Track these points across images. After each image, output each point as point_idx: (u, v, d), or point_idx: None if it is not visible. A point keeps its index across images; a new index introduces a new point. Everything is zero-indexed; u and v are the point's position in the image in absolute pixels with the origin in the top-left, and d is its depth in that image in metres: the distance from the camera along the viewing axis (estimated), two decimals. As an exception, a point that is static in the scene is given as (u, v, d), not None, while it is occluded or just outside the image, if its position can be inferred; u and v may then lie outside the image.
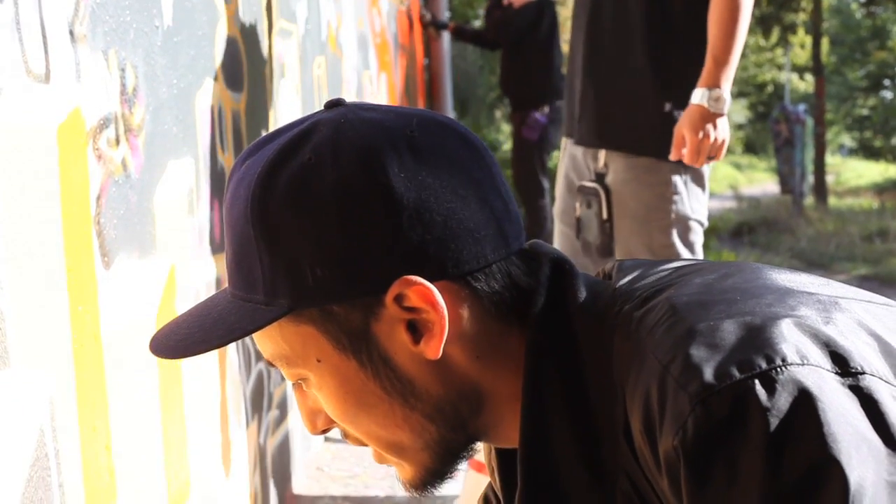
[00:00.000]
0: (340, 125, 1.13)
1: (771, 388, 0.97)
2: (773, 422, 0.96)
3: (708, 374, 0.99)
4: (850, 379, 0.99)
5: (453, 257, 1.12)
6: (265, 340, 1.18)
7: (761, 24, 27.27)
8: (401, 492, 3.68)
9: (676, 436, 0.99)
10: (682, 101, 3.27)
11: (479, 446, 1.26)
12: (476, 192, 1.14)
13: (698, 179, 3.33)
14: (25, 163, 1.56)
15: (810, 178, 20.68)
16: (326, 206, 1.09)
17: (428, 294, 1.11)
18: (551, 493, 1.17)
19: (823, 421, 0.96)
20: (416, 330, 1.14)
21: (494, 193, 1.16)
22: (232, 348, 2.71)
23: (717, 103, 3.14)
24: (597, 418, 1.13)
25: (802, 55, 33.94)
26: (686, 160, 3.17)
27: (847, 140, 40.87)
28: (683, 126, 3.16)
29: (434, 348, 1.13)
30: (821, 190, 19.87)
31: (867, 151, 37.95)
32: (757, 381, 0.98)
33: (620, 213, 3.33)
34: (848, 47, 35.09)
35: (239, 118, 2.90)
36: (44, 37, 1.62)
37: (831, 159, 34.06)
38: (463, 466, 1.26)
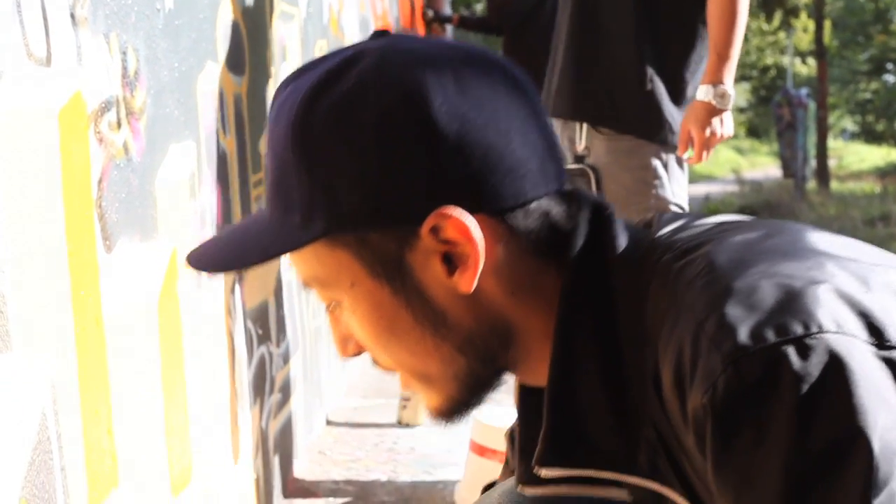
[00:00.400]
0: (386, 54, 1.13)
1: (805, 354, 0.97)
2: (804, 388, 0.96)
3: (742, 334, 0.99)
4: (886, 351, 0.99)
5: (492, 192, 1.12)
6: (301, 263, 1.19)
7: (764, 7, 27.25)
8: (402, 475, 3.69)
9: (706, 394, 0.99)
10: (666, 81, 3.28)
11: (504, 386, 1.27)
12: (519, 128, 1.13)
13: (679, 161, 3.33)
14: (27, 146, 1.55)
15: (812, 162, 20.67)
16: (366, 134, 1.09)
17: (464, 227, 1.11)
18: (576, 435, 1.16)
19: (854, 392, 0.95)
20: (451, 262, 1.14)
21: (537, 131, 1.16)
22: (235, 331, 2.71)
23: (723, 99, 3.17)
24: (627, 365, 1.13)
25: (805, 39, 33.91)
26: (694, 157, 3.19)
27: (849, 124, 40.85)
28: (689, 122, 3.18)
29: (468, 281, 1.13)
30: (823, 174, 19.88)
31: (869, 135, 37.92)
32: (791, 347, 0.97)
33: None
34: (850, 30, 35.02)
35: (240, 102, 2.90)
36: (45, 20, 1.62)
37: (833, 143, 34.06)
38: (489, 398, 1.26)
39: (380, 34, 1.18)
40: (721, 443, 0.99)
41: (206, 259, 1.22)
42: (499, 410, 3.73)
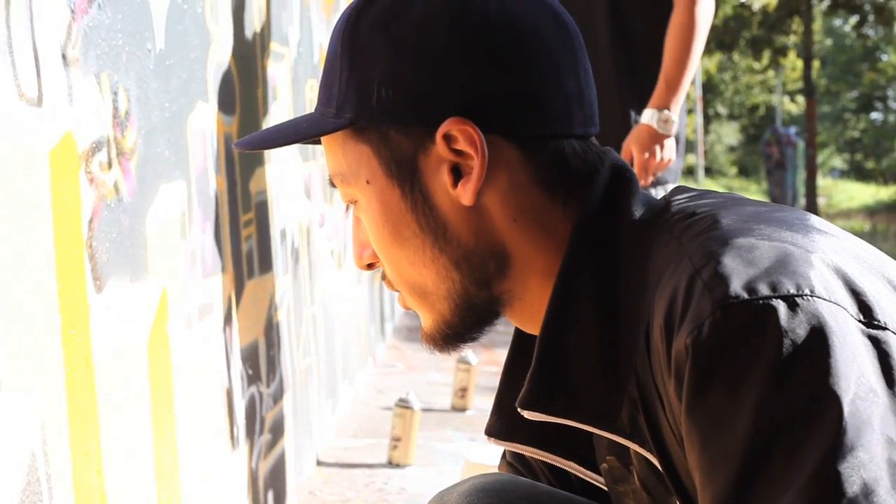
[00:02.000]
0: None
1: (793, 312, 0.99)
2: (787, 345, 0.98)
3: (736, 284, 1.01)
4: (872, 329, 1.01)
5: (510, 116, 1.19)
6: (330, 156, 1.27)
7: (752, 46, 27.38)
8: (394, 515, 3.67)
9: (691, 334, 1.01)
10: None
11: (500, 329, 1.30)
12: (552, 65, 1.20)
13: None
14: (17, 186, 1.55)
15: (802, 201, 20.74)
16: (408, 35, 1.18)
17: (474, 138, 1.17)
18: (563, 381, 1.18)
19: (833, 356, 0.97)
20: (459, 174, 1.20)
21: (571, 74, 1.21)
22: (225, 371, 2.70)
23: (666, 125, 3.24)
24: (622, 318, 1.15)
25: (794, 77, 34.11)
26: None
27: (838, 162, 41.02)
28: (631, 142, 3.25)
29: (469, 193, 1.19)
30: (812, 212, 19.94)
31: (858, 173, 38.07)
32: (781, 303, 0.99)
33: None
34: (839, 69, 35.22)
35: (231, 141, 2.90)
36: (36, 60, 1.62)
37: (823, 181, 34.21)
38: (482, 339, 1.30)
39: None
40: (697, 384, 1.01)
41: (249, 141, 1.32)
42: (489, 449, 3.72)
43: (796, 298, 0.99)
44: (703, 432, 1.01)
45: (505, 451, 1.58)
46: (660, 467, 1.14)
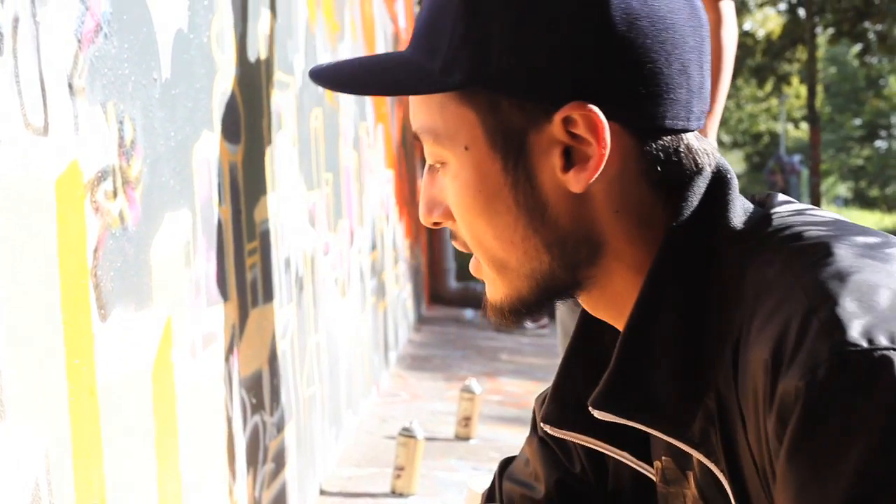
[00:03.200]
0: None
1: None
2: None
3: (855, 330, 0.97)
4: None
5: (634, 104, 1.12)
6: (422, 110, 1.18)
7: (756, 74, 27.42)
8: (397, 545, 3.66)
9: (804, 378, 0.98)
10: None
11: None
12: (681, 56, 1.14)
13: None
14: (23, 215, 1.56)
15: (806, 229, 20.71)
16: (542, 4, 1.10)
17: (597, 126, 1.11)
18: (638, 384, 1.15)
19: None
20: (569, 158, 1.13)
21: (697, 67, 1.16)
22: (229, 400, 2.70)
23: None
24: (707, 327, 1.12)
25: (798, 105, 34.15)
26: None
27: (843, 190, 41.03)
28: None
29: (582, 181, 1.13)
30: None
31: (863, 201, 38.06)
32: None
33: None
34: (843, 96, 35.28)
35: (236, 170, 2.91)
36: (42, 90, 1.63)
37: (827, 210, 34.13)
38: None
39: None
40: (804, 430, 0.98)
41: (328, 75, 1.22)
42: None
43: None
44: (803, 478, 0.98)
45: (536, 423, 1.50)
46: (725, 483, 1.11)
